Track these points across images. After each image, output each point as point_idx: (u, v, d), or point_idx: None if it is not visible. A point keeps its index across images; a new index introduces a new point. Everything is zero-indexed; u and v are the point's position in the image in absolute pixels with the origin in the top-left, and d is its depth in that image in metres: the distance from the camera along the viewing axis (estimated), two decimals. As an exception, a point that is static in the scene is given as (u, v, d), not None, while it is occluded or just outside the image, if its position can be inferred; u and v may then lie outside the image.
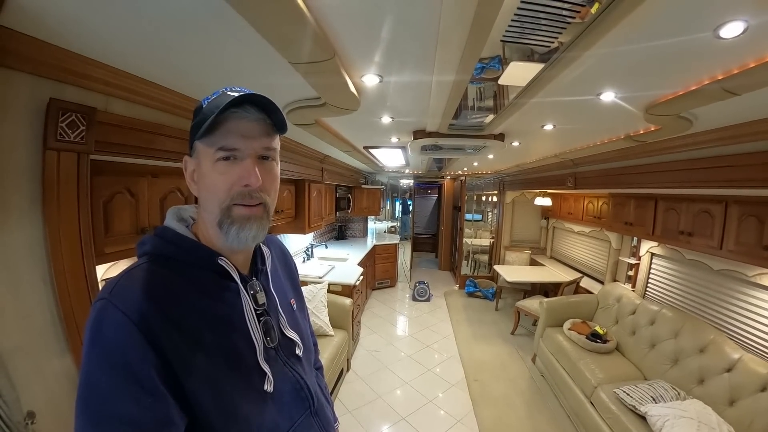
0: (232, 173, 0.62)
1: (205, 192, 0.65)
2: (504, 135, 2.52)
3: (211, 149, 0.61)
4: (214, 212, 0.64)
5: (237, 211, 0.63)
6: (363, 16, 0.93)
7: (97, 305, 0.55)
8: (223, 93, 0.63)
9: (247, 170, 0.62)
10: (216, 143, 0.61)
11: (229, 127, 0.61)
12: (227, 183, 0.62)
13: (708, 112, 1.50)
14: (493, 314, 5.22)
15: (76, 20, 0.89)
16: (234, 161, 0.62)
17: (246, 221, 0.64)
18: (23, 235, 1.03)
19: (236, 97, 0.59)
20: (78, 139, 1.12)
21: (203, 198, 0.66)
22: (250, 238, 0.65)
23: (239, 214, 0.63)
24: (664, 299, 3.15)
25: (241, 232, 0.63)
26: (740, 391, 2.01)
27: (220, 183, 0.62)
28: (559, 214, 5.19)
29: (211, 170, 0.62)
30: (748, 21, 0.82)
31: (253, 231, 0.64)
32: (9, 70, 0.95)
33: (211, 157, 0.62)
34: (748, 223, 2.00)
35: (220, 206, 0.63)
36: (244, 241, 0.64)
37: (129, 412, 0.50)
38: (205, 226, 0.68)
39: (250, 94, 0.61)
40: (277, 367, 0.72)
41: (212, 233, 0.66)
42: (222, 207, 0.63)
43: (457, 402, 3.12)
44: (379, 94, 1.58)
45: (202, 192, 0.66)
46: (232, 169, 0.62)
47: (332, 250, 5.23)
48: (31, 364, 1.05)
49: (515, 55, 1.29)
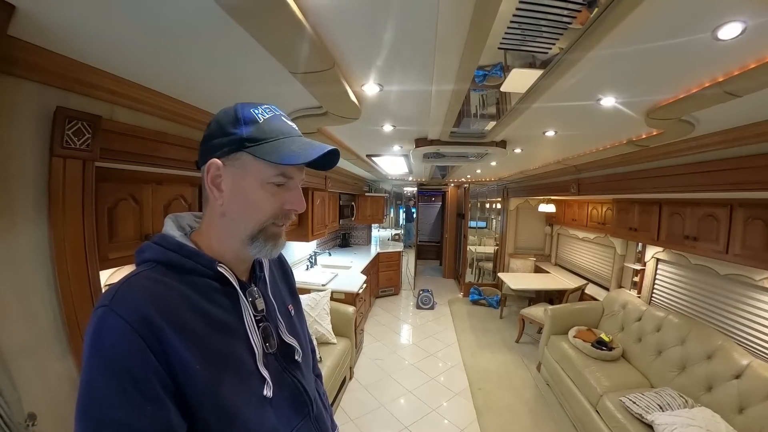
0: (283, 197, 0.67)
1: (243, 206, 0.66)
2: (506, 142, 2.53)
3: (271, 171, 0.65)
4: (249, 227, 0.66)
5: (273, 229, 0.68)
6: (361, 27, 0.95)
7: (98, 312, 0.55)
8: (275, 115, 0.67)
9: (299, 198, 0.69)
10: (278, 168, 0.65)
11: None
12: (276, 204, 0.67)
13: (710, 114, 1.50)
14: (497, 322, 5.18)
15: (83, 30, 0.91)
16: (284, 187, 0.67)
17: (278, 238, 0.70)
18: (29, 238, 1.05)
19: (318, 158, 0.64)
20: (84, 146, 1.14)
21: (238, 211, 0.67)
22: (275, 252, 0.70)
23: (273, 232, 0.69)
24: (671, 305, 3.11)
25: (274, 248, 0.69)
26: (749, 398, 1.97)
27: (270, 203, 0.66)
28: (563, 221, 5.17)
29: (260, 188, 0.65)
30: (746, 22, 0.82)
31: (279, 246, 0.71)
32: (17, 79, 0.98)
33: (265, 176, 0.65)
34: (754, 226, 1.98)
35: (261, 223, 0.67)
36: (269, 254, 0.70)
37: (128, 419, 0.50)
38: (221, 236, 0.69)
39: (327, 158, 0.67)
40: (277, 372, 0.72)
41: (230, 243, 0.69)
42: (263, 225, 0.67)
43: (461, 411, 3.08)
44: (380, 102, 1.60)
45: (237, 205, 0.66)
46: (282, 193, 0.67)
47: (336, 258, 5.23)
48: (34, 365, 1.06)
49: (517, 62, 1.30)
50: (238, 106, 0.66)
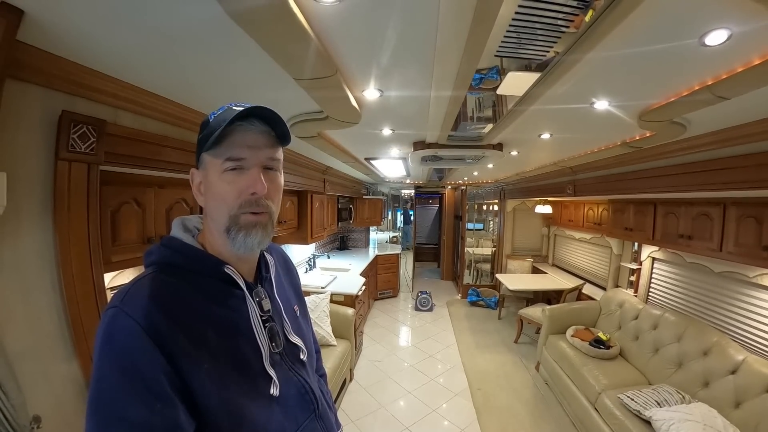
0: (240, 182, 0.65)
1: (213, 201, 0.67)
2: (502, 145, 2.56)
3: (219, 160, 0.64)
4: (221, 220, 0.66)
5: (244, 218, 0.66)
6: (364, 35, 0.97)
7: (109, 313, 0.57)
8: (229, 108, 0.66)
9: (254, 179, 0.65)
10: (223, 154, 0.64)
11: (235, 139, 0.64)
12: (235, 191, 0.65)
13: (700, 116, 1.53)
14: (495, 323, 5.20)
15: (90, 36, 0.93)
16: (241, 171, 0.65)
17: (252, 227, 0.66)
18: (34, 241, 1.06)
19: (242, 110, 0.63)
20: (88, 150, 1.15)
21: (211, 207, 0.68)
22: (255, 244, 0.67)
23: (246, 221, 0.66)
24: (667, 303, 3.15)
25: (248, 238, 0.66)
26: (745, 393, 2.00)
27: (229, 192, 0.65)
28: (560, 222, 5.21)
29: (219, 180, 0.65)
30: (731, 29, 0.86)
31: (258, 237, 0.67)
32: (24, 83, 1.00)
33: (218, 167, 0.65)
34: (747, 224, 2.02)
35: (229, 214, 0.65)
36: (250, 246, 0.66)
37: (138, 416, 0.52)
38: (212, 235, 0.70)
39: (254, 107, 0.64)
40: (283, 371, 0.73)
41: (219, 241, 0.69)
42: (231, 215, 0.65)
43: (461, 412, 3.09)
44: (380, 107, 1.62)
45: (209, 201, 0.68)
46: (239, 179, 0.65)
47: (334, 261, 5.23)
48: (39, 368, 1.07)
49: (513, 65, 1.33)
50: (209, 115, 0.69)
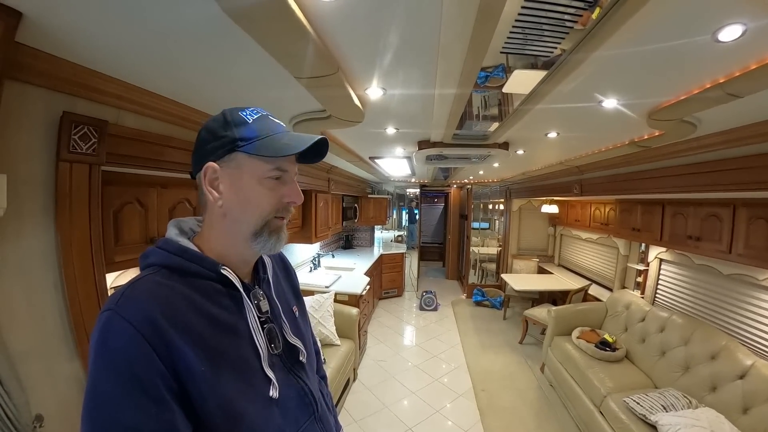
0: (281, 190, 0.69)
1: (244, 204, 0.68)
2: (508, 144, 2.54)
3: (266, 166, 0.67)
4: (252, 222, 0.68)
5: (275, 222, 0.70)
6: (365, 33, 0.96)
7: (104, 315, 0.56)
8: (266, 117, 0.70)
9: (297, 191, 0.72)
10: (273, 162, 0.67)
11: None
12: (275, 198, 0.69)
13: (711, 115, 1.50)
14: (500, 323, 5.17)
15: (90, 37, 0.92)
16: (282, 181, 0.69)
17: (280, 231, 0.72)
18: (36, 242, 1.06)
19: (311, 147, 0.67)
20: (90, 151, 1.15)
21: (238, 209, 0.68)
22: (279, 246, 0.72)
23: (276, 225, 0.70)
24: (674, 305, 3.10)
25: (278, 242, 0.71)
26: (754, 398, 1.96)
27: (269, 198, 0.68)
28: (567, 222, 5.16)
29: (259, 185, 0.67)
30: (746, 24, 0.83)
31: (282, 240, 0.72)
32: (25, 85, 1.00)
33: (261, 172, 0.67)
34: (757, 225, 1.98)
35: (264, 218, 0.68)
36: (274, 248, 0.71)
37: (134, 421, 0.51)
38: (222, 237, 0.70)
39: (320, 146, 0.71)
40: (282, 373, 0.72)
41: (232, 242, 0.70)
42: (266, 219, 0.69)
43: (465, 412, 3.08)
44: (383, 106, 1.61)
45: (237, 204, 0.68)
46: (280, 187, 0.69)
47: (339, 260, 5.24)
48: (41, 367, 1.07)
49: (519, 63, 1.30)
50: (226, 111, 0.69)
